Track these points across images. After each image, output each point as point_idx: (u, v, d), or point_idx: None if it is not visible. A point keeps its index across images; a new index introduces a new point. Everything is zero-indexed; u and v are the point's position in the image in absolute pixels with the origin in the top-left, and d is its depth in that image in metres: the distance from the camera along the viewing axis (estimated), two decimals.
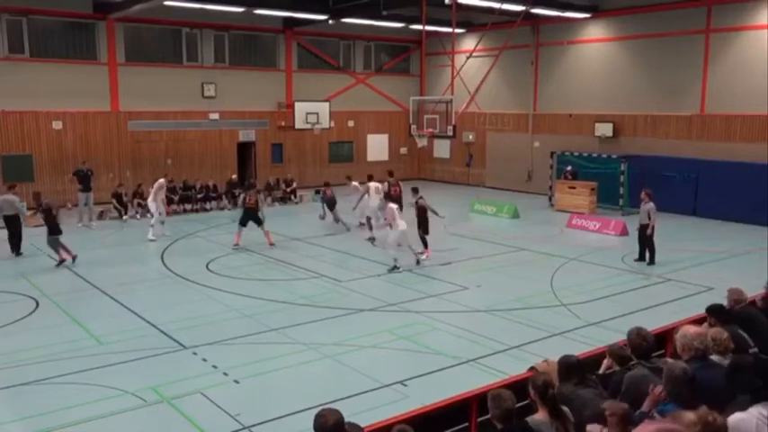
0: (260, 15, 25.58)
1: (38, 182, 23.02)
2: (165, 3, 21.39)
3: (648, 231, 15.01)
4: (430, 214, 16.10)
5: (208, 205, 23.72)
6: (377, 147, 32.14)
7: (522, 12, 22.99)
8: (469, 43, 28.20)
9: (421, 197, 16.30)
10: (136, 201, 22.22)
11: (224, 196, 24.17)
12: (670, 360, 5.65)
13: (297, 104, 27.76)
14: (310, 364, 9.47)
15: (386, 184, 19.24)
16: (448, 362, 9.39)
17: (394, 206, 15.12)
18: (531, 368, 6.33)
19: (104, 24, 24.49)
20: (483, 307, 12.12)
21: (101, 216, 21.41)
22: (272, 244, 17.11)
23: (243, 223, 17.19)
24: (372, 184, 18.67)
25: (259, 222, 17.24)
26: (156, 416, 7.91)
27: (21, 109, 22.88)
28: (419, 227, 16.09)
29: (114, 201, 21.91)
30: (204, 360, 9.52)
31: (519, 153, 28.45)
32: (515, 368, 8.06)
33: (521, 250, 16.93)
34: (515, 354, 9.66)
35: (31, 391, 8.52)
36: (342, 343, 10.18)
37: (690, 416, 3.79)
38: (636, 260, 15.41)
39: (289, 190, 25.83)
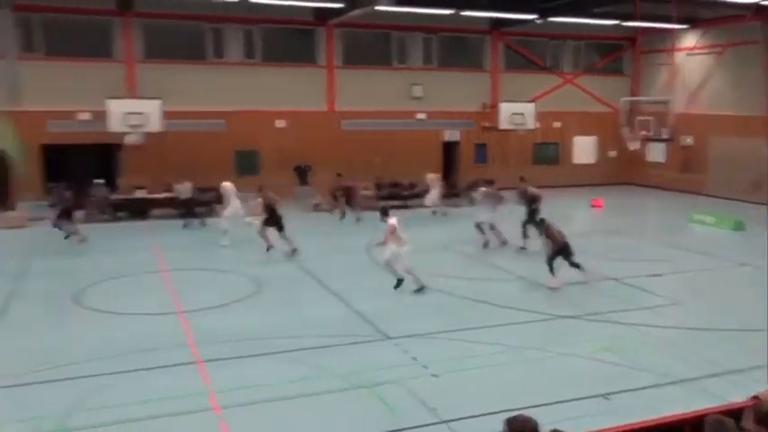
0: (467, 17, 25.85)
1: (262, 175, 25.16)
2: (377, 8, 22.45)
3: None
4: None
5: (412, 202, 24.43)
6: (584, 149, 31.04)
7: (752, 5, 20.92)
8: (690, 40, 26.22)
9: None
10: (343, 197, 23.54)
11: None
12: None
13: (502, 105, 27.65)
14: (510, 366, 9.44)
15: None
16: (656, 380, 8.86)
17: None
18: (755, 397, 5.80)
19: (323, 30, 26.27)
20: (697, 324, 11.27)
21: (315, 208, 23.02)
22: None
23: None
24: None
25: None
26: (357, 400, 8.35)
27: (251, 108, 25.25)
28: (559, 253, 13.51)
29: (330, 196, 23.45)
30: (405, 352, 9.87)
31: (745, 159, 25.86)
32: (732, 394, 7.41)
33: (743, 266, 15.46)
34: (733, 378, 8.85)
35: (242, 365, 9.39)
36: (542, 348, 10.03)
37: None
38: None
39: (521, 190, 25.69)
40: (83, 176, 22.34)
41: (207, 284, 14.13)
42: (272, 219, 16.10)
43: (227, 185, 18.53)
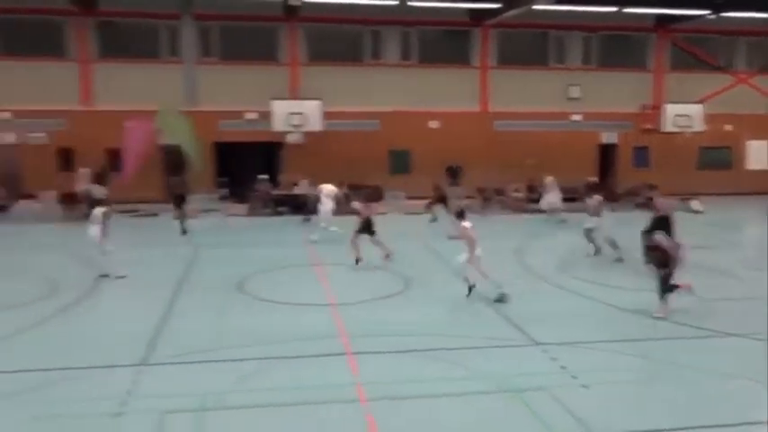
0: (631, 14, 24.73)
1: (413, 174, 25.59)
2: (535, 7, 22.06)
3: None
4: None
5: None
6: (759, 154, 28.63)
7: None
8: None
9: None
10: (497, 198, 23.43)
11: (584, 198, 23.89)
12: None
13: (666, 106, 26.21)
14: (663, 382, 8.91)
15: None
16: None
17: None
18: None
19: (479, 31, 26.23)
20: None
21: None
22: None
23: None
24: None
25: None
26: (503, 404, 8.24)
27: (405, 109, 25.75)
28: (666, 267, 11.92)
29: (478, 195, 23.45)
30: (553, 359, 9.64)
31: None
32: None
33: None
34: None
35: (389, 359, 9.57)
36: (699, 367, 9.38)
37: None
38: None
39: (647, 197, 24.49)
40: (249, 172, 23.88)
41: (357, 279, 14.64)
42: (366, 224, 15.66)
43: (324, 188, 18.86)
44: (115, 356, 9.62)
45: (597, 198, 16.87)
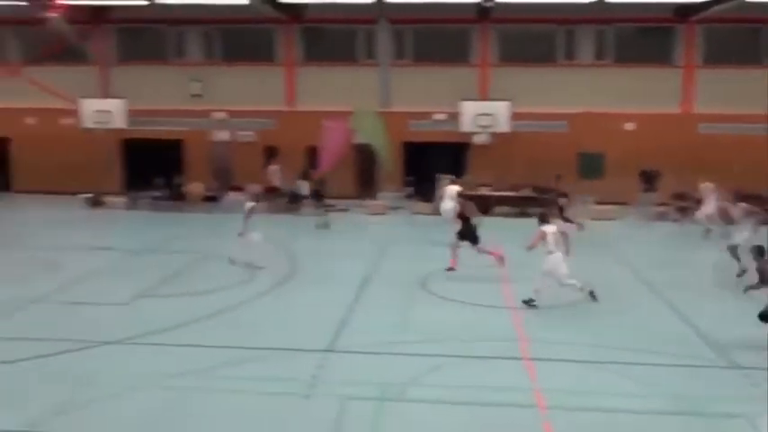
0: None
1: (607, 179, 24.46)
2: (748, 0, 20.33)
3: None
4: None
5: None
6: None
7: None
8: None
9: None
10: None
11: None
12: None
13: None
14: None
15: None
16: None
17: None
18: None
19: (683, 27, 24.58)
20: None
21: (659, 218, 21.80)
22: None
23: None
24: None
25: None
26: (690, 428, 7.73)
27: (596, 110, 24.75)
28: None
29: (674, 202, 22.03)
30: (755, 385, 8.83)
31: None
32: None
33: None
34: None
35: (569, 368, 9.33)
36: None
37: None
38: None
39: None
40: (436, 172, 24.26)
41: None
42: (466, 230, 14.74)
43: (449, 188, 19.14)
44: (304, 341, 10.32)
45: (742, 206, 14.79)
